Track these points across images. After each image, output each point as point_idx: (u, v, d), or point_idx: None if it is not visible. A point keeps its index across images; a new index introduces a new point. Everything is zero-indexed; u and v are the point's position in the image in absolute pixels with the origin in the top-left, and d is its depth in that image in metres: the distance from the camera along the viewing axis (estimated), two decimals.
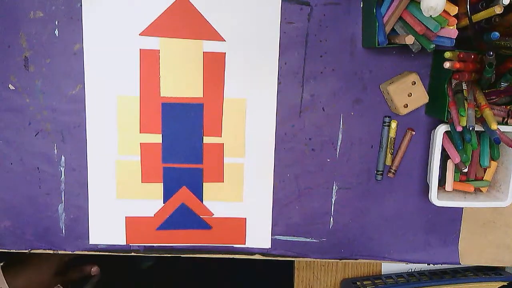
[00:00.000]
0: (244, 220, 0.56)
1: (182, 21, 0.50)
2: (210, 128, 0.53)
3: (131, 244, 0.56)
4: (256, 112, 0.53)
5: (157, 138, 0.53)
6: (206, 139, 0.53)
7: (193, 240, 0.56)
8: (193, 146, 0.53)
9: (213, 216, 0.55)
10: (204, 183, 0.54)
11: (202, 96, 0.52)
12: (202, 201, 0.55)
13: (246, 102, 0.53)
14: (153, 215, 0.55)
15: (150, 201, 0.54)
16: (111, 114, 0.52)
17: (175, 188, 0.54)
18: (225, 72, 0.52)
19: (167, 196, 0.54)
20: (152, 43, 0.51)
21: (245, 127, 0.53)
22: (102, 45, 0.51)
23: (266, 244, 0.56)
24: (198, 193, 0.54)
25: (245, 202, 0.55)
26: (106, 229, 0.55)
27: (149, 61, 0.51)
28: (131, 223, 0.55)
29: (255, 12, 0.51)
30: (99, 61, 0.51)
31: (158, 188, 0.54)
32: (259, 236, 0.56)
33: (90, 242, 0.55)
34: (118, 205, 0.54)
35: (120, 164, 0.53)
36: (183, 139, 0.53)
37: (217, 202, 0.55)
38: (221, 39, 0.51)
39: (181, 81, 0.52)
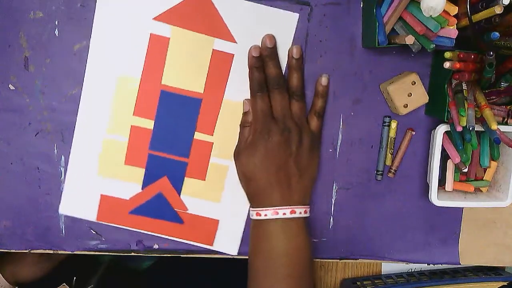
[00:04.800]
0: (217, 222, 0.55)
1: (199, 14, 0.50)
2: (203, 125, 0.53)
3: (130, 244, 0.56)
4: None
5: (149, 124, 0.52)
6: (197, 135, 0.53)
7: (162, 231, 0.55)
8: (182, 139, 0.53)
9: (187, 212, 0.55)
10: (185, 178, 0.54)
11: (202, 92, 0.52)
12: (179, 195, 0.54)
13: (238, 102, 0.52)
14: (128, 198, 0.54)
15: (129, 184, 0.54)
16: (108, 91, 0.51)
17: (156, 177, 0.54)
18: (230, 73, 0.52)
19: (146, 182, 0.54)
20: (164, 29, 0.50)
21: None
22: (113, 22, 0.50)
23: (233, 251, 0.56)
24: (178, 186, 0.54)
25: (222, 204, 0.55)
26: (79, 202, 0.54)
27: (158, 47, 0.51)
28: (105, 201, 0.54)
29: (272, 24, 0.50)
30: (107, 37, 0.50)
31: (139, 173, 0.54)
32: (227, 242, 0.56)
33: (60, 211, 0.54)
34: (96, 182, 0.54)
35: (107, 142, 0.53)
36: (174, 130, 0.53)
37: (194, 198, 0.55)
38: (233, 40, 0.51)
39: (185, 73, 0.51)
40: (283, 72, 0.52)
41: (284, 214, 0.48)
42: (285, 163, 0.49)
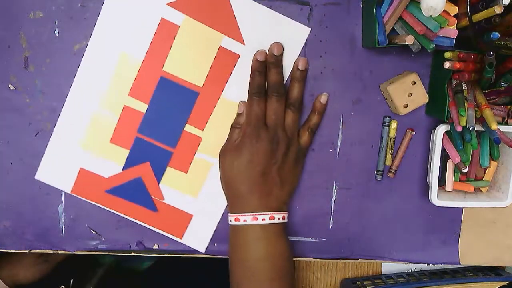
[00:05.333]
0: (190, 217, 0.55)
1: (213, 9, 0.50)
2: (195, 118, 0.53)
3: (130, 244, 0.56)
4: None
5: (142, 107, 0.52)
6: (188, 127, 0.53)
7: (134, 215, 0.55)
8: (172, 129, 0.53)
9: (163, 201, 0.55)
10: (168, 167, 0.54)
11: (201, 86, 0.52)
12: (158, 183, 0.54)
13: (235, 102, 0.52)
14: (107, 177, 0.54)
15: (110, 163, 0.54)
16: (108, 66, 0.51)
17: (138, 160, 0.53)
18: (232, 72, 0.52)
19: (128, 164, 0.54)
20: (175, 17, 0.50)
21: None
22: (126, 1, 0.50)
23: (201, 248, 0.56)
24: (158, 174, 0.54)
25: (198, 200, 0.55)
26: (57, 171, 0.54)
27: (166, 33, 0.50)
28: (84, 175, 0.54)
29: (283, 33, 0.51)
30: (118, 12, 0.50)
31: (123, 153, 0.53)
32: (197, 238, 0.56)
33: (36, 177, 0.54)
34: (78, 154, 0.53)
35: (97, 116, 0.52)
36: (166, 118, 0.52)
37: (172, 189, 0.54)
38: (241, 41, 0.51)
39: (188, 64, 0.51)
40: (285, 82, 0.52)
41: (264, 220, 0.49)
42: (268, 170, 0.49)
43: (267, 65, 0.50)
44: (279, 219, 0.50)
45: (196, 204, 0.55)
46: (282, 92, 0.50)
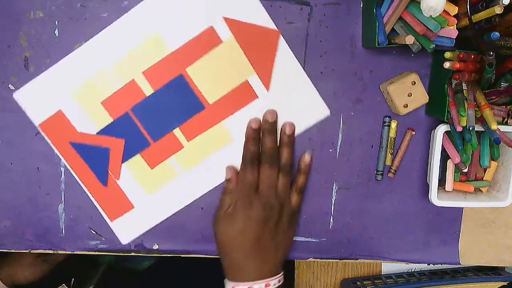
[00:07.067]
0: (131, 206, 0.55)
1: (260, 45, 0.51)
2: (188, 127, 0.53)
3: (130, 244, 0.56)
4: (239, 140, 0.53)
5: (148, 90, 0.52)
6: (177, 131, 0.53)
7: (83, 177, 0.54)
8: (163, 124, 0.53)
9: (116, 180, 0.55)
10: (138, 154, 0.54)
11: (210, 103, 0.52)
12: (122, 162, 0.54)
13: (230, 135, 0.53)
14: (78, 131, 0.53)
15: (89, 121, 0.53)
16: (140, 38, 0.51)
17: (115, 134, 0.53)
18: (242, 108, 0.52)
19: (104, 131, 0.53)
20: (223, 32, 0.50)
21: (211, 155, 0.54)
22: None
23: (124, 240, 0.56)
24: (127, 155, 0.54)
25: (149, 198, 0.55)
26: (37, 102, 0.52)
27: (207, 41, 0.51)
28: (58, 118, 0.53)
29: (305, 102, 0.53)
30: (174, 2, 0.50)
31: (106, 119, 0.53)
32: (126, 228, 0.56)
33: (14, 96, 0.52)
34: (65, 97, 0.52)
35: (103, 74, 0.52)
36: (162, 112, 0.52)
37: (132, 176, 0.54)
38: (267, 86, 0.52)
39: (209, 78, 0.52)
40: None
41: None
42: (262, 237, 0.50)
43: (261, 131, 0.51)
44: (274, 284, 0.50)
45: (145, 200, 0.55)
46: (276, 160, 0.51)
